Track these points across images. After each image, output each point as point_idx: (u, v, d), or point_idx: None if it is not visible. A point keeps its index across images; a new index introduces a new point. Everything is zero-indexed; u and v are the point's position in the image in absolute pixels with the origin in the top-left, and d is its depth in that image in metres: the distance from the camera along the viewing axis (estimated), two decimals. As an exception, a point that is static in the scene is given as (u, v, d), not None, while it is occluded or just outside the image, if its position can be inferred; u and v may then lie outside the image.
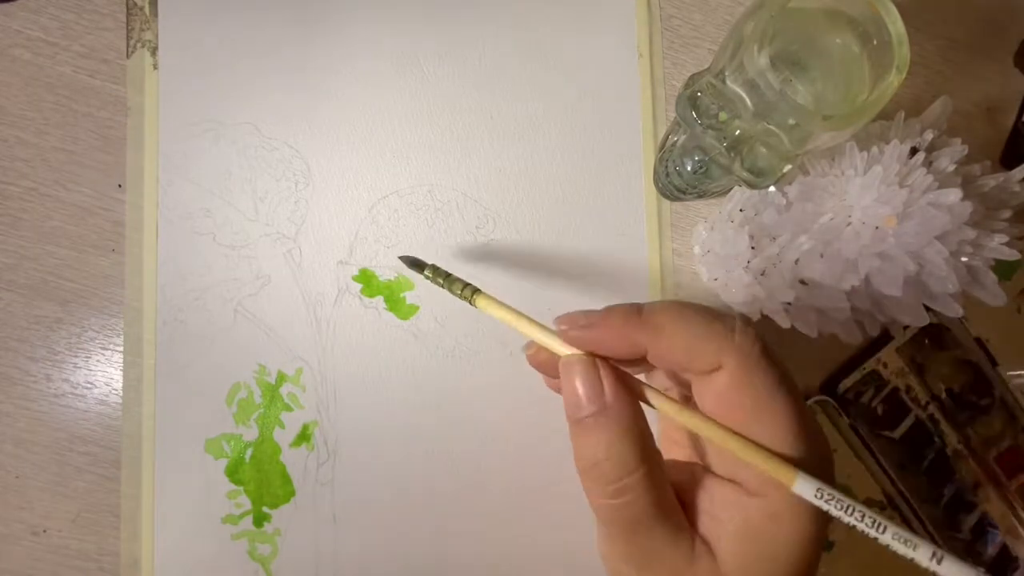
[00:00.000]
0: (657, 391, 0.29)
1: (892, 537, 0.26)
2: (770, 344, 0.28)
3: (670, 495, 0.29)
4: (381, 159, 0.47)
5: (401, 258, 0.41)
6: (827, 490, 0.26)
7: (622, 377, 0.29)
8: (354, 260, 0.46)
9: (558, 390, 0.31)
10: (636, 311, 0.29)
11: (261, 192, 0.46)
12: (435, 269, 0.38)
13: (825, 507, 0.26)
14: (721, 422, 0.28)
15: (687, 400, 0.32)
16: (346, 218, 0.46)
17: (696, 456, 0.32)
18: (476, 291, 0.35)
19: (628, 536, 0.28)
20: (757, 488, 0.27)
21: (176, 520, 0.44)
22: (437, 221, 0.47)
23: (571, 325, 0.30)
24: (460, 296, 0.35)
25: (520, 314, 0.33)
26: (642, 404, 0.29)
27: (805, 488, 0.26)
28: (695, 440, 0.32)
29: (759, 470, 0.27)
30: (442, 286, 0.37)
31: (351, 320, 0.46)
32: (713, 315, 0.28)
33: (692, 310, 0.29)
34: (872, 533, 0.26)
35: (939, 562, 0.25)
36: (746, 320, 0.29)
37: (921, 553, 0.26)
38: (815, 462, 0.27)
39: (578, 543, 0.46)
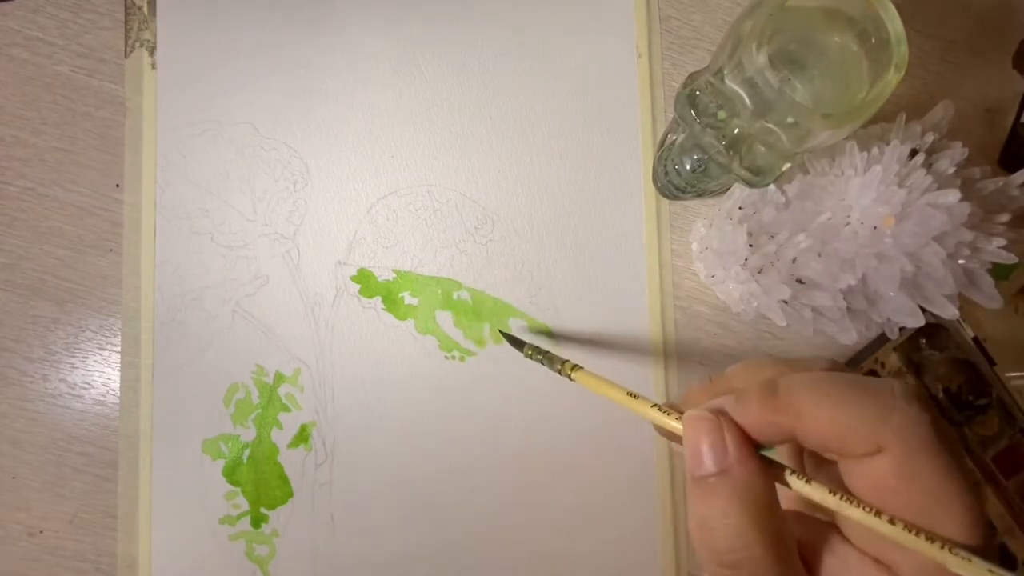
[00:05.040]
0: (795, 471, 0.26)
1: None
2: (938, 419, 0.24)
3: (794, 568, 0.25)
4: (380, 159, 0.47)
5: (502, 334, 0.45)
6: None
7: (749, 443, 0.26)
8: (352, 260, 0.46)
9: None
10: (771, 393, 0.26)
11: (259, 192, 0.46)
12: (535, 348, 0.40)
13: None
14: (879, 507, 0.24)
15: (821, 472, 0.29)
16: (344, 218, 0.46)
17: (828, 514, 0.29)
18: (575, 367, 0.36)
19: None
20: (912, 575, 0.24)
21: (173, 521, 0.44)
22: (436, 222, 0.46)
23: (703, 418, 0.27)
24: (560, 372, 0.37)
25: (625, 391, 0.32)
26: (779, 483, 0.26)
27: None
28: None
29: (927, 558, 0.23)
30: (541, 363, 0.39)
31: (349, 320, 0.46)
32: (865, 390, 0.25)
33: (838, 386, 0.25)
34: None
35: None
36: (907, 391, 0.25)
37: None
38: (991, 555, 0.23)
39: (577, 545, 0.46)
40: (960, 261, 0.40)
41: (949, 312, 0.41)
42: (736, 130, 0.35)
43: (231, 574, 0.44)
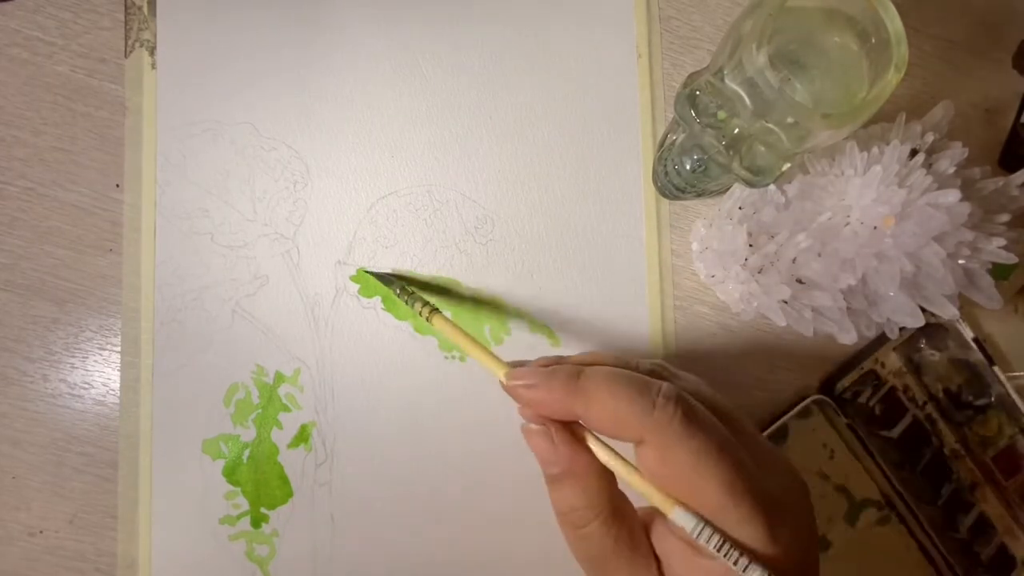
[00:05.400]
0: (603, 444, 0.32)
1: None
2: (697, 410, 0.30)
3: (636, 536, 0.32)
4: (380, 159, 0.47)
5: (368, 272, 0.46)
6: (706, 530, 0.28)
7: (576, 437, 0.32)
8: (352, 260, 0.46)
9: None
10: (574, 376, 0.31)
11: (259, 192, 0.46)
12: (402, 287, 0.42)
13: (705, 544, 0.28)
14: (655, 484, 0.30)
15: None
16: (344, 218, 0.46)
17: None
18: (434, 311, 0.39)
19: (597, 571, 0.32)
20: (709, 552, 0.29)
21: (173, 521, 0.44)
22: (436, 221, 0.46)
23: (519, 379, 0.33)
24: (420, 314, 0.39)
25: (470, 338, 0.36)
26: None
27: (684, 521, 0.29)
28: None
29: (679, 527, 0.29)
30: (407, 303, 0.41)
31: (349, 320, 0.46)
32: (638, 388, 0.30)
33: (620, 383, 0.30)
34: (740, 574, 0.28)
35: None
36: (669, 391, 0.30)
37: None
38: (752, 518, 0.28)
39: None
40: (960, 261, 0.40)
41: (949, 312, 0.41)
42: (736, 130, 0.35)
43: (231, 574, 0.44)
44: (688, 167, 0.41)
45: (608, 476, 0.32)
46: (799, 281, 0.42)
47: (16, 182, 0.45)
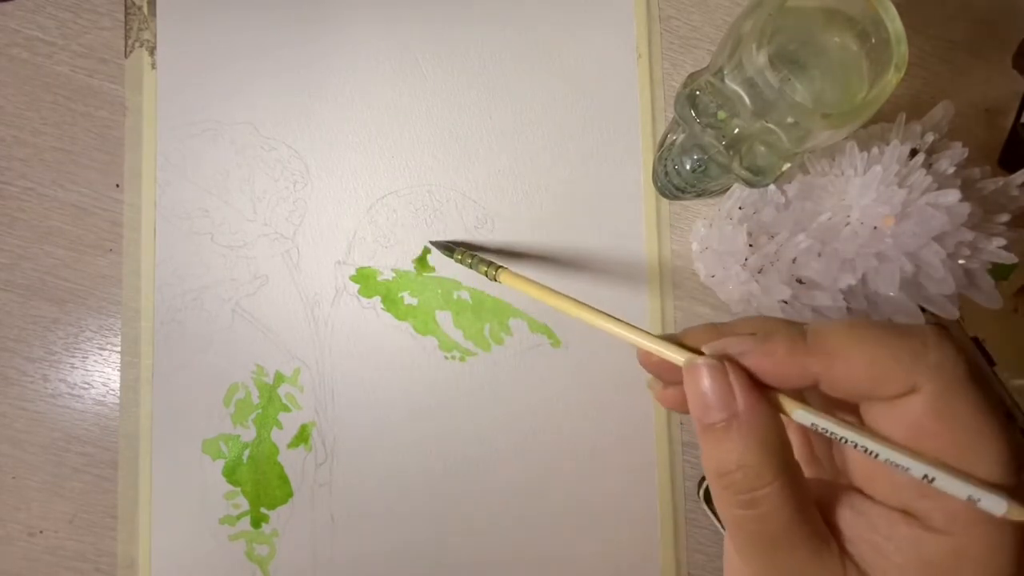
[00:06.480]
0: (811, 410, 0.25)
1: None
2: (973, 358, 0.24)
3: (813, 512, 0.25)
4: (380, 159, 0.47)
5: (432, 243, 0.44)
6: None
7: (756, 383, 0.25)
8: (352, 260, 0.46)
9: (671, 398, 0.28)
10: (800, 335, 0.25)
11: (259, 192, 0.46)
12: (464, 252, 0.42)
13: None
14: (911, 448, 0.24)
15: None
16: (344, 218, 0.46)
17: (838, 474, 0.29)
18: (500, 268, 0.38)
19: (765, 553, 0.25)
20: (942, 524, 0.24)
21: (173, 521, 0.44)
22: (436, 221, 0.46)
23: (727, 348, 0.26)
24: (486, 276, 0.38)
25: (546, 289, 0.34)
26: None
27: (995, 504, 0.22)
28: (839, 457, 0.29)
29: (954, 506, 0.23)
30: (471, 267, 0.40)
31: (349, 320, 0.46)
32: (899, 332, 0.24)
33: (872, 329, 0.25)
34: None
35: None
36: (941, 332, 0.24)
37: None
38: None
39: (577, 545, 0.46)
40: (960, 261, 0.40)
41: (949, 312, 0.41)
42: (736, 130, 0.35)
43: (231, 574, 0.44)
44: (688, 167, 0.41)
45: (785, 437, 0.26)
46: (799, 281, 0.42)
47: (16, 182, 0.45)
